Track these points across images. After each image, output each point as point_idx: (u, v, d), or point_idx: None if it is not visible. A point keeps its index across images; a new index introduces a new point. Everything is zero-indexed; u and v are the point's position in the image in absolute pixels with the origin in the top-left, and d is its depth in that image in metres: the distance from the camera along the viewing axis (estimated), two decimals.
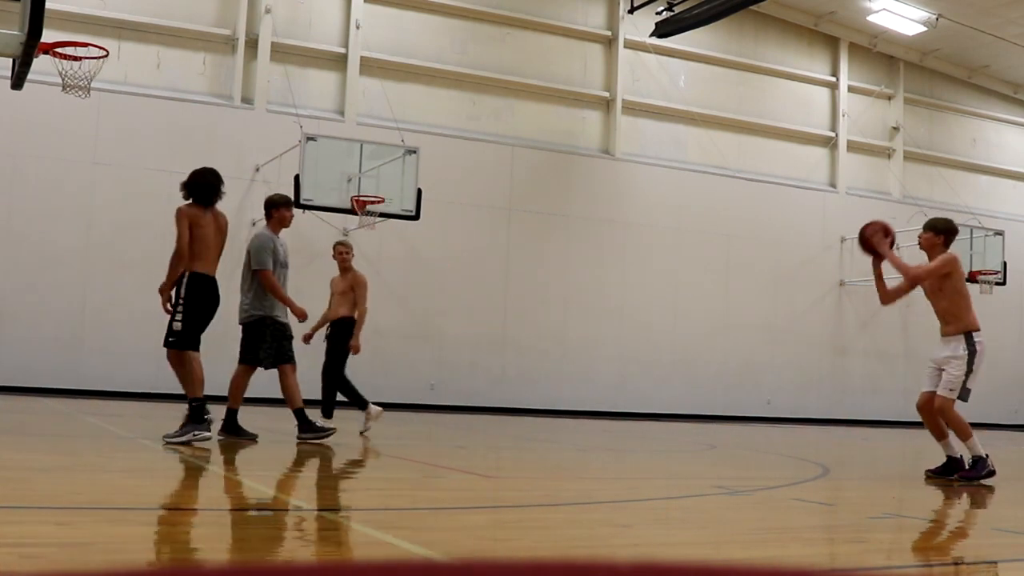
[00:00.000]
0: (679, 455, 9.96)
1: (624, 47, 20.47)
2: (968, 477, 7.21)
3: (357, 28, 18.30)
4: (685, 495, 5.86)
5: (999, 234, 21.08)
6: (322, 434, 8.39)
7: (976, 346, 7.15)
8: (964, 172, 24.34)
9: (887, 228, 7.25)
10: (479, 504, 5.03)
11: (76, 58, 10.81)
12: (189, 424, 7.57)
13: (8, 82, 9.14)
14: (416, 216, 15.61)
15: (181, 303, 7.78)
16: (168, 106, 16.88)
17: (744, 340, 20.84)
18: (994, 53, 22.90)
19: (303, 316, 8.40)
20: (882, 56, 23.27)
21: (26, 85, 9.17)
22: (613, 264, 19.90)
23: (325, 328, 10.26)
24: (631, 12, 19.98)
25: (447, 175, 17.96)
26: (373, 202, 15.35)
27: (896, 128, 23.32)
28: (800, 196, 21.77)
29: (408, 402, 17.21)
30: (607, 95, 20.41)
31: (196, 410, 7.61)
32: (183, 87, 17.26)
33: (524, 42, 19.90)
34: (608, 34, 20.54)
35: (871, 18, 21.79)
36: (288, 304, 8.34)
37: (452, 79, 19.17)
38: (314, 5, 18.31)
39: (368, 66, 18.23)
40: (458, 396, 18.30)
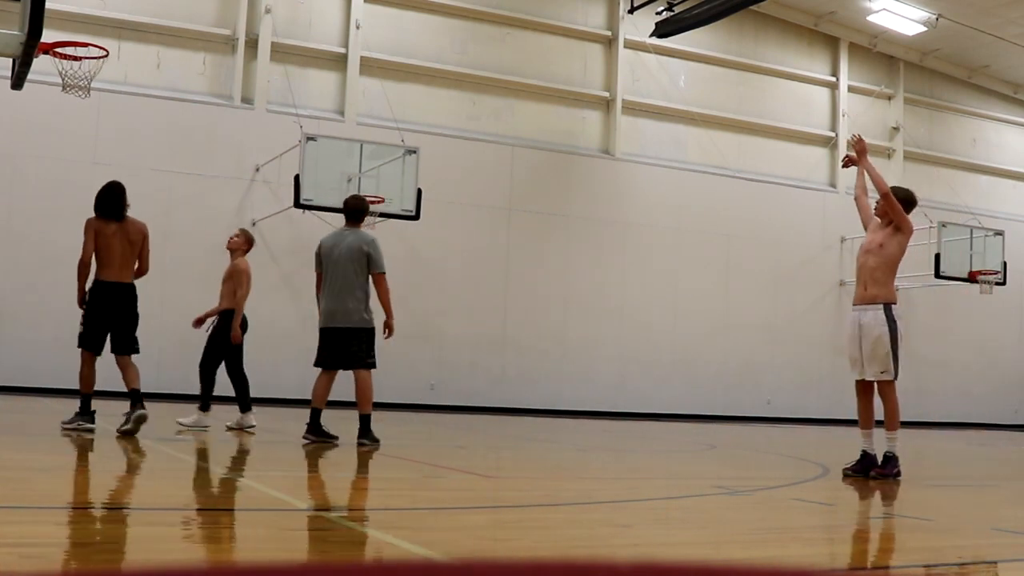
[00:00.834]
0: (679, 455, 9.96)
1: (624, 47, 20.47)
2: (884, 475, 7.13)
3: (357, 28, 18.30)
4: (685, 495, 5.86)
5: (999, 234, 21.08)
6: (370, 443, 8.33)
7: (897, 321, 7.32)
8: (964, 172, 24.34)
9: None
10: (479, 504, 5.03)
11: (76, 58, 10.80)
12: (77, 416, 8.67)
13: (8, 82, 9.14)
14: (416, 216, 15.61)
15: (84, 308, 8.58)
16: (168, 106, 16.88)
17: (744, 340, 20.84)
18: (994, 53, 22.90)
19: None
20: (882, 56, 23.27)
21: (26, 85, 9.17)
22: (613, 264, 19.90)
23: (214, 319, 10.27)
24: (631, 12, 19.98)
25: (447, 175, 17.96)
26: (373, 202, 15.33)
27: (896, 128, 23.33)
28: (800, 196, 21.77)
29: (408, 402, 17.21)
30: (607, 95, 20.41)
31: (84, 402, 8.68)
32: (183, 87, 17.26)
33: (524, 42, 19.90)
34: (608, 34, 20.54)
35: (871, 18, 21.79)
36: (391, 312, 8.64)
37: (452, 79, 19.17)
38: (314, 5, 18.31)
39: (368, 66, 18.23)
40: (458, 396, 18.31)
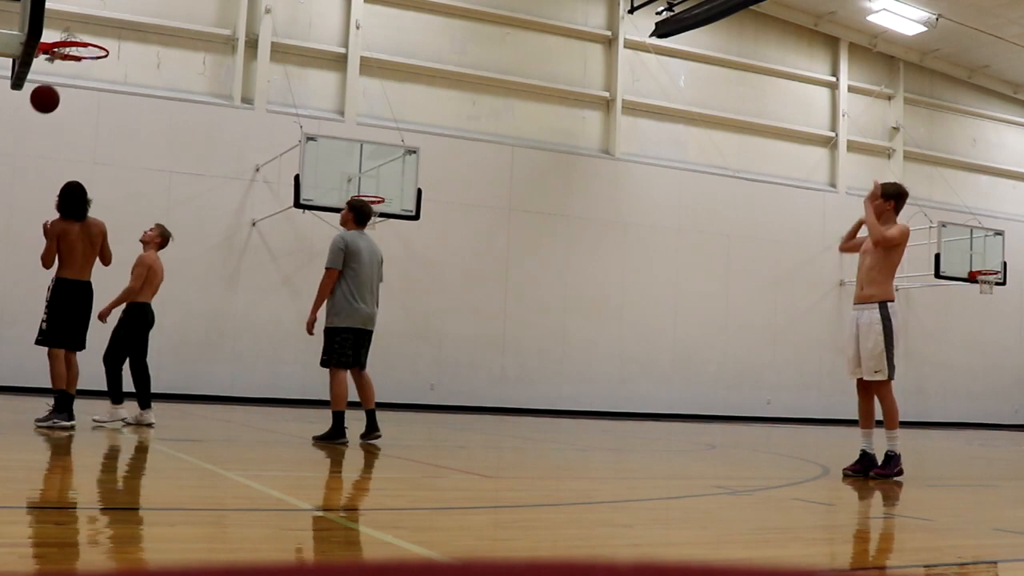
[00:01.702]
0: (679, 455, 9.96)
1: (624, 47, 20.47)
2: (883, 475, 7.07)
3: (357, 28, 18.30)
4: (685, 495, 5.86)
5: (999, 234, 21.08)
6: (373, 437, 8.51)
7: (892, 318, 7.27)
8: (964, 172, 24.34)
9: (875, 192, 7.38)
10: (479, 504, 5.03)
11: (76, 58, 10.81)
12: (54, 412, 8.61)
13: (8, 82, 9.14)
14: (416, 216, 15.61)
15: (47, 305, 8.80)
16: (168, 106, 16.88)
17: (744, 340, 20.84)
18: (994, 53, 22.90)
19: None
20: (882, 56, 23.27)
21: (26, 85, 9.16)
22: (613, 264, 19.90)
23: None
24: (631, 12, 19.98)
25: (447, 175, 17.96)
26: (373, 202, 15.34)
27: (896, 128, 23.32)
28: (800, 196, 21.77)
29: (408, 402, 17.22)
30: (607, 95, 20.41)
31: (59, 400, 8.67)
32: (183, 87, 17.27)
33: (524, 42, 19.90)
34: (608, 34, 20.54)
35: (871, 18, 21.79)
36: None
37: (452, 79, 19.17)
38: (314, 5, 18.31)
39: (368, 66, 18.23)
40: (458, 396, 18.31)
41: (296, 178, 15.18)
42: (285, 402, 16.70)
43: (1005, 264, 20.86)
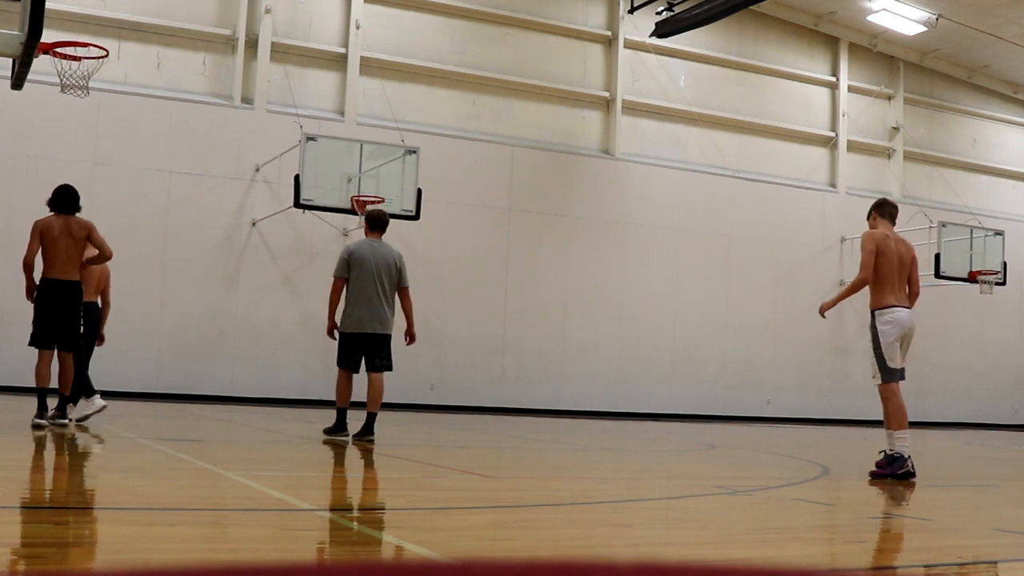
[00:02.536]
0: (679, 455, 9.96)
1: (624, 47, 20.46)
2: (879, 474, 6.94)
3: (357, 28, 18.30)
4: (685, 495, 5.86)
5: (999, 234, 21.07)
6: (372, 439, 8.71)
7: (878, 327, 7.20)
8: (964, 172, 24.34)
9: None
10: (479, 504, 5.03)
11: (76, 58, 10.81)
12: (57, 411, 8.76)
13: (8, 82, 9.14)
14: (416, 216, 15.61)
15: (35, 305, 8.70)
16: (168, 106, 16.88)
17: (744, 340, 20.84)
18: (994, 53, 22.90)
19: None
20: (882, 56, 23.27)
21: (26, 85, 9.16)
22: (613, 264, 19.90)
23: None
24: (631, 12, 19.98)
25: (447, 175, 17.96)
26: (373, 202, 15.33)
27: (896, 128, 23.32)
28: (800, 196, 21.76)
29: (408, 402, 17.20)
30: (607, 95, 20.41)
31: (40, 399, 8.78)
32: (183, 87, 17.26)
33: (524, 42, 19.90)
34: (608, 34, 20.53)
35: (871, 18, 21.79)
36: (412, 321, 9.28)
37: (452, 79, 19.17)
38: (314, 5, 18.31)
39: (368, 66, 18.23)
40: (458, 396, 18.30)
41: (296, 178, 15.18)
42: (285, 402, 16.70)
43: (1005, 264, 20.85)
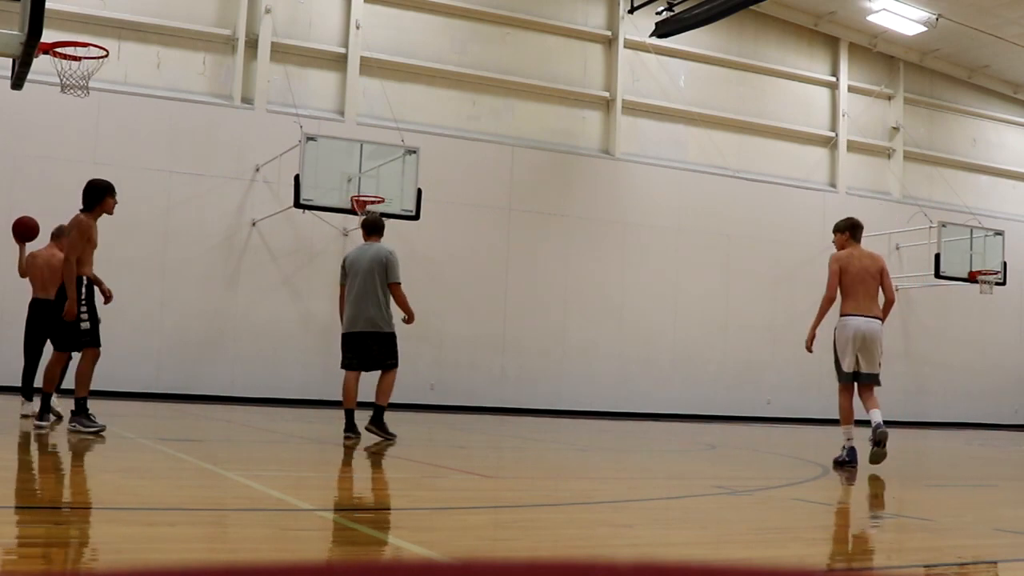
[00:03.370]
0: (679, 455, 9.96)
1: (624, 47, 20.46)
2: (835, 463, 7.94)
3: (357, 28, 18.30)
4: (685, 495, 5.86)
5: (999, 234, 21.08)
6: (388, 437, 8.91)
7: (835, 332, 8.29)
8: (964, 172, 24.34)
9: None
10: (479, 504, 5.02)
11: (76, 58, 10.80)
12: (80, 416, 8.51)
13: (8, 82, 9.14)
14: (416, 216, 15.61)
15: (84, 305, 8.52)
16: (168, 106, 16.88)
17: (744, 340, 20.84)
18: (994, 53, 22.90)
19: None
20: (882, 56, 23.27)
21: (26, 85, 9.16)
22: (613, 264, 19.90)
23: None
24: (631, 12, 19.98)
25: (447, 175, 17.95)
26: (373, 202, 15.34)
27: (896, 128, 23.32)
28: (800, 196, 21.76)
29: (408, 402, 17.20)
30: (607, 95, 20.41)
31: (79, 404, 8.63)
32: (183, 87, 17.26)
33: (524, 42, 19.90)
34: (608, 34, 20.54)
35: (871, 18, 21.79)
36: (410, 312, 9.27)
37: (452, 79, 19.17)
38: (314, 5, 18.31)
39: (368, 66, 18.23)
40: (458, 396, 18.30)
41: (296, 178, 15.18)
42: (285, 402, 16.70)
43: (1005, 264, 20.85)
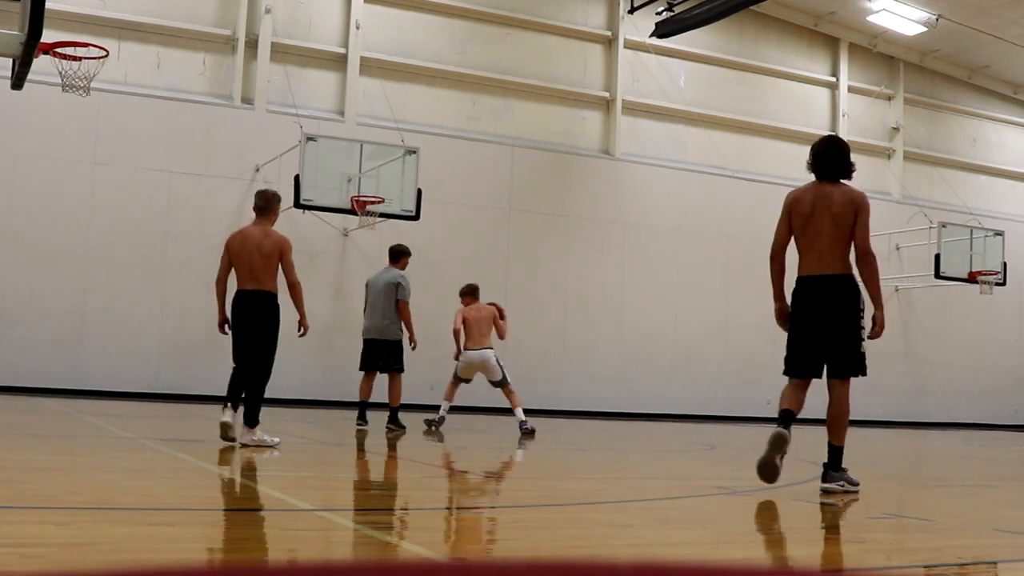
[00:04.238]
0: (679, 455, 9.96)
1: (624, 47, 20.46)
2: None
3: (357, 28, 18.29)
4: (685, 495, 5.86)
5: (999, 234, 21.07)
6: (399, 430, 10.98)
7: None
8: (964, 172, 24.34)
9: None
10: (480, 504, 5.03)
11: (76, 58, 10.81)
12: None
13: (8, 82, 9.13)
14: (416, 216, 15.61)
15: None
16: (168, 106, 16.88)
17: (744, 340, 20.83)
18: (994, 53, 22.90)
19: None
20: (882, 56, 23.27)
21: (26, 85, 9.16)
22: (613, 264, 19.90)
23: None
24: (631, 12, 19.97)
25: (447, 175, 17.94)
26: (373, 202, 15.34)
27: (896, 128, 23.32)
28: None
29: (408, 402, 17.16)
30: (607, 95, 20.40)
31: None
32: (183, 87, 17.26)
33: (524, 42, 19.90)
34: (608, 34, 20.53)
35: (871, 18, 21.79)
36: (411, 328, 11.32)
37: (452, 79, 19.16)
38: (314, 5, 18.31)
39: (368, 66, 18.22)
40: (458, 396, 18.25)
41: (296, 178, 15.18)
42: (285, 402, 16.69)
43: (1005, 264, 20.85)
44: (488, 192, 18.96)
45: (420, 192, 15.49)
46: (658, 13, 19.25)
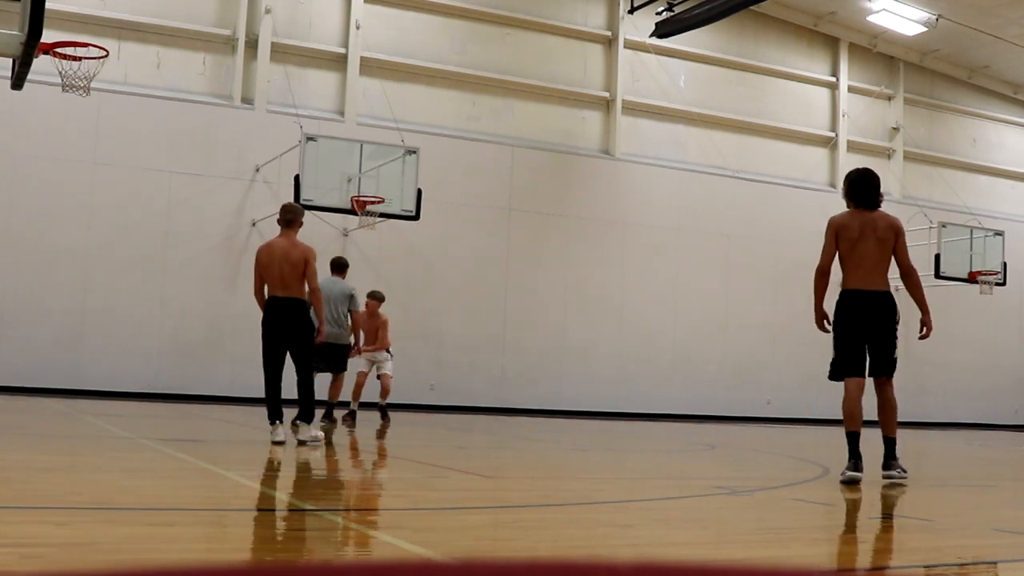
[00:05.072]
0: (679, 455, 9.96)
1: (624, 47, 20.46)
2: None
3: (357, 28, 18.29)
4: (685, 495, 5.86)
5: (999, 234, 21.08)
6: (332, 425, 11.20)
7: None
8: (964, 172, 24.34)
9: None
10: (479, 504, 5.03)
11: (76, 58, 10.80)
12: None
13: (8, 82, 9.13)
14: (416, 216, 15.61)
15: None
16: (168, 106, 16.88)
17: (744, 340, 20.84)
18: (994, 53, 22.90)
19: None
20: (882, 56, 23.27)
21: (26, 85, 9.16)
22: (613, 264, 19.90)
23: None
24: (631, 12, 19.98)
25: (447, 175, 17.95)
26: (373, 202, 15.34)
27: (896, 128, 23.32)
28: (800, 196, 21.75)
29: (408, 402, 17.20)
30: (607, 95, 20.41)
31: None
32: (183, 87, 17.26)
33: (524, 42, 19.90)
34: (608, 34, 20.53)
35: (871, 18, 21.79)
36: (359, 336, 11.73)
37: (452, 79, 19.16)
38: (314, 5, 18.31)
39: (368, 66, 18.23)
40: (458, 396, 18.30)
41: (296, 178, 15.18)
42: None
43: (1005, 264, 20.85)
44: (488, 192, 18.96)
45: (420, 192, 15.49)
46: (658, 13, 19.26)
